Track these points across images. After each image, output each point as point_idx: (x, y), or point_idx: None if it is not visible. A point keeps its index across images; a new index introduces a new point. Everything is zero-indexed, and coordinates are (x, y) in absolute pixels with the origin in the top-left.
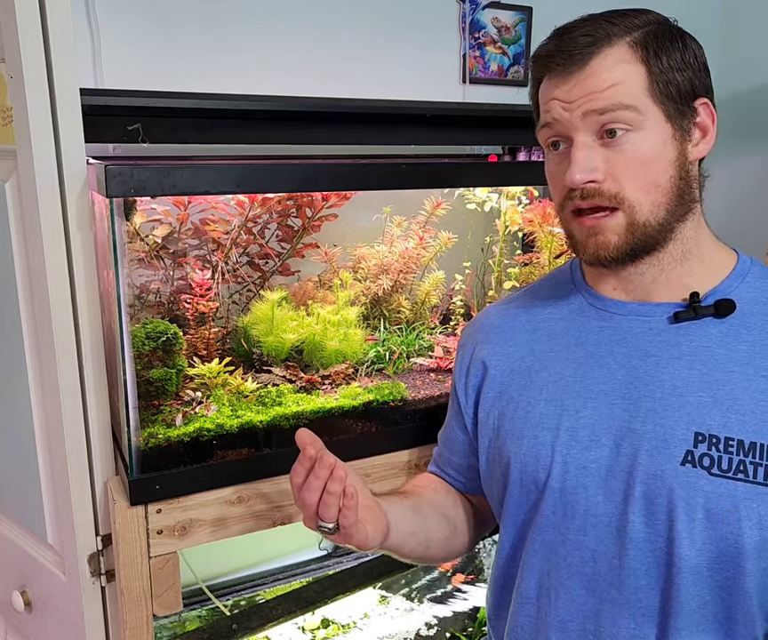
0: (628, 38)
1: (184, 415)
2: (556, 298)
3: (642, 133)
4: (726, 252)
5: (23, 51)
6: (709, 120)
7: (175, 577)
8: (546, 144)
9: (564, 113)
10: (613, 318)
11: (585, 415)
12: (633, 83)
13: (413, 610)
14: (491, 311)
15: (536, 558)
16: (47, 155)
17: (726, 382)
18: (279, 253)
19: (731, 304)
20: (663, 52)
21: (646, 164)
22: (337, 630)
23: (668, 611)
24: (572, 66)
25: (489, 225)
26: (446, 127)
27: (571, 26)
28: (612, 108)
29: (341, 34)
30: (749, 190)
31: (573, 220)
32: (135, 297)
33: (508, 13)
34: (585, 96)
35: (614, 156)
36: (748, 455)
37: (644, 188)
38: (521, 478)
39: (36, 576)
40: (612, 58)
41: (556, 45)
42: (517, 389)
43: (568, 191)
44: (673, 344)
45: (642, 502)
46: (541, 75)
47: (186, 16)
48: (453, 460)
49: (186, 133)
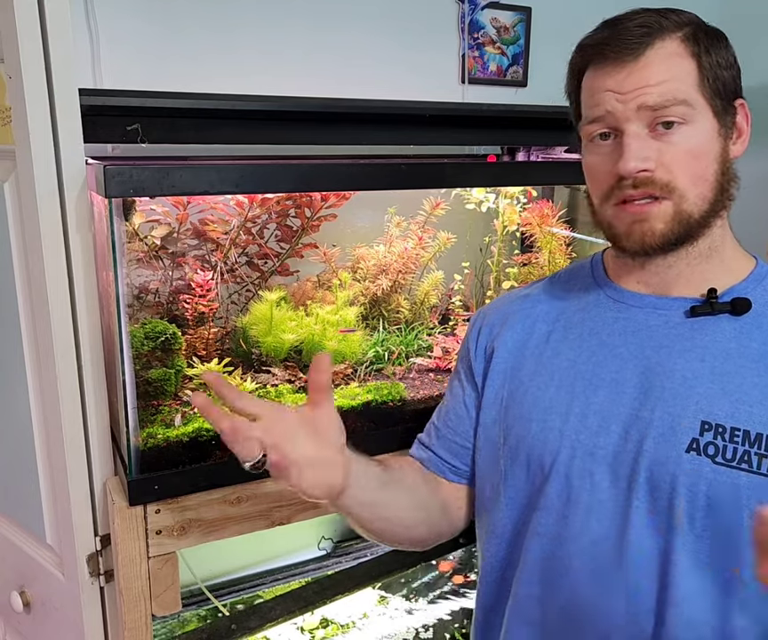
0: (680, 33)
1: (183, 415)
2: (575, 290)
3: (693, 127)
4: (746, 256)
5: (22, 51)
6: (745, 121)
7: (174, 577)
8: (591, 137)
9: (618, 104)
10: (630, 310)
11: (595, 402)
12: (685, 77)
13: (412, 610)
14: (510, 297)
15: (539, 542)
16: (46, 155)
17: (736, 375)
18: (278, 253)
19: (747, 303)
20: (712, 48)
21: (696, 156)
22: (336, 630)
23: (666, 596)
24: (627, 55)
25: (488, 225)
26: (445, 127)
27: (624, 16)
28: (665, 104)
29: (340, 34)
30: (749, 190)
31: (618, 209)
32: (134, 297)
33: (507, 14)
34: (639, 88)
35: (666, 148)
36: (753, 446)
37: (693, 180)
38: (527, 461)
39: (35, 576)
40: (666, 50)
41: (609, 34)
42: (528, 374)
43: (617, 181)
44: (687, 337)
45: (645, 488)
46: (586, 64)
47: (185, 16)
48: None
49: (185, 133)
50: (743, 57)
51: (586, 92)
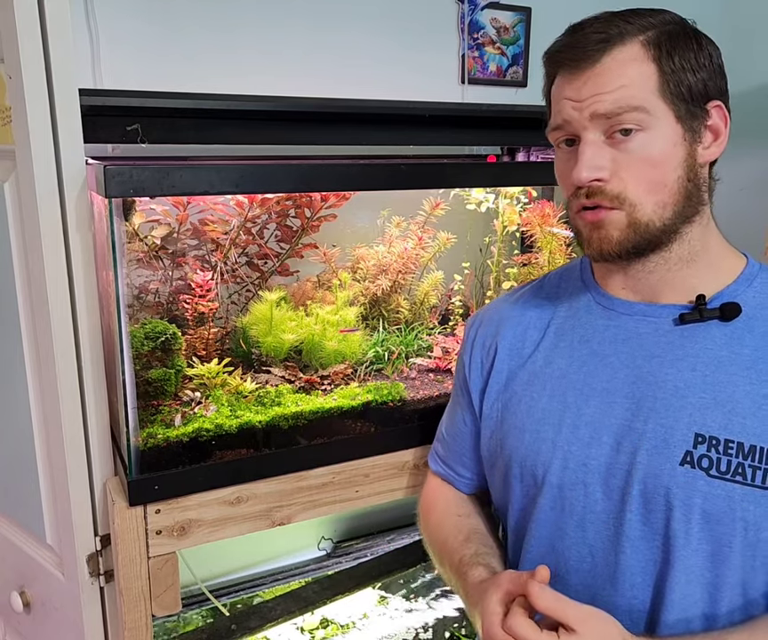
0: (642, 37)
1: (183, 415)
2: (566, 294)
3: (650, 133)
4: (735, 257)
5: (22, 51)
6: (722, 123)
7: (174, 577)
8: (557, 143)
9: (574, 113)
10: (620, 318)
11: (587, 412)
12: (642, 82)
13: (412, 610)
14: (500, 304)
15: (535, 552)
16: (46, 155)
17: (729, 384)
18: (278, 254)
19: (736, 308)
20: (676, 51)
21: (654, 164)
22: (336, 630)
23: (660, 607)
24: (583, 62)
25: (488, 225)
26: (445, 127)
27: (585, 22)
28: (618, 111)
29: (340, 34)
30: (748, 190)
31: (578, 217)
32: (134, 297)
33: (507, 14)
34: (594, 96)
35: (621, 156)
36: (747, 458)
37: (650, 188)
38: (521, 473)
39: (35, 576)
40: (624, 56)
41: (568, 41)
42: (521, 384)
43: (575, 189)
44: (677, 345)
45: (639, 500)
46: (554, 72)
47: (185, 16)
48: (465, 459)
49: (185, 134)
50: (743, 57)
51: (553, 98)
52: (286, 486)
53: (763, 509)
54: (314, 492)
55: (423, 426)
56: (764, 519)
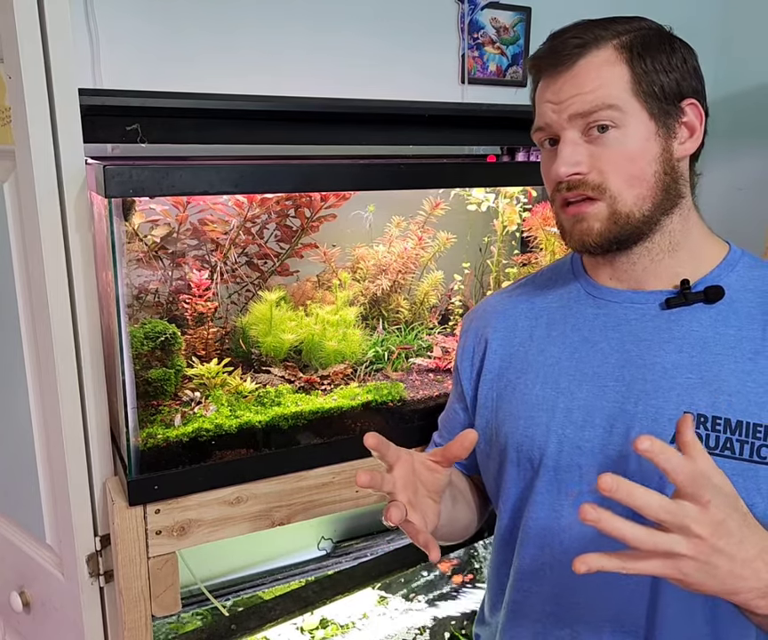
0: (615, 41)
1: (183, 415)
2: (557, 286)
3: (624, 130)
4: (718, 245)
5: (22, 51)
6: (697, 120)
7: (174, 577)
8: (541, 143)
9: (554, 115)
10: (608, 305)
11: (580, 397)
12: (615, 83)
13: (412, 610)
14: (493, 299)
15: (531, 535)
16: (46, 155)
17: (714, 364)
18: (278, 253)
19: (719, 290)
20: (648, 54)
21: (630, 159)
22: (336, 630)
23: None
24: (561, 66)
25: (487, 225)
26: (445, 127)
27: (564, 30)
28: (594, 109)
29: (340, 34)
30: (746, 190)
31: (562, 211)
32: (134, 297)
33: (507, 14)
34: (571, 97)
35: (599, 151)
36: (734, 433)
37: (628, 182)
38: (517, 458)
39: (35, 577)
40: (598, 59)
41: (548, 48)
42: (515, 373)
43: (557, 184)
44: (664, 329)
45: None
46: (537, 77)
47: (185, 16)
48: None
49: (185, 133)
50: (743, 57)
51: (536, 101)
52: (286, 486)
53: (752, 483)
54: (314, 491)
55: (423, 426)
56: (755, 493)
